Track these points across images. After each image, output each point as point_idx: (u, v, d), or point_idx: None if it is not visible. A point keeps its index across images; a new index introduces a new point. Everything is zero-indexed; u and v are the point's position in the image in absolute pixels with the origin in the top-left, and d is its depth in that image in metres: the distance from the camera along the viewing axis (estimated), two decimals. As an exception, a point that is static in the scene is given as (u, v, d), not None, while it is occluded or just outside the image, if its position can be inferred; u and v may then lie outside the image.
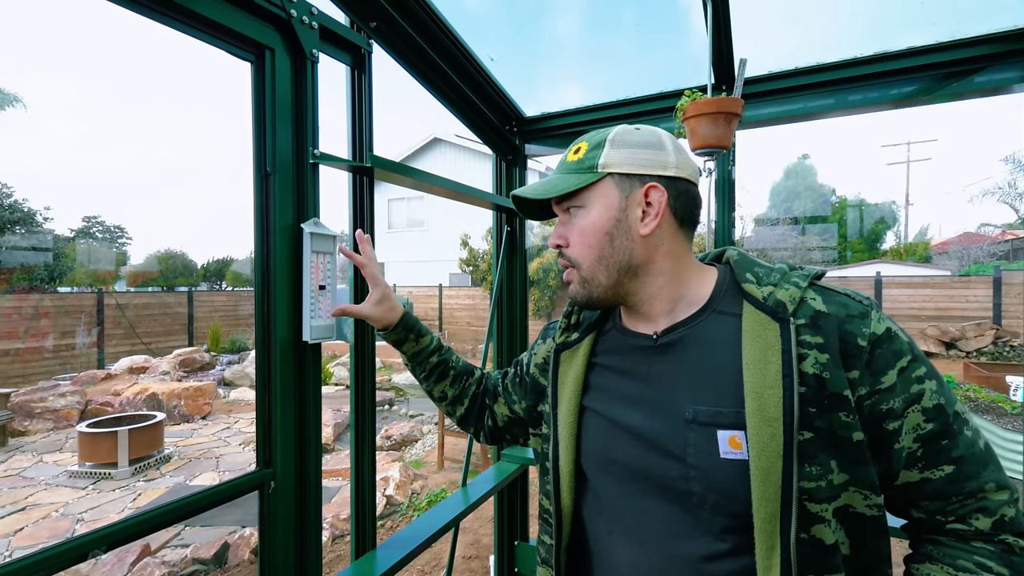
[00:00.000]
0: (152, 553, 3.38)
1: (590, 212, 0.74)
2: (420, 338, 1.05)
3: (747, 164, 31.63)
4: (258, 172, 1.04)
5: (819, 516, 0.61)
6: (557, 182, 0.76)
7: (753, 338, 0.65)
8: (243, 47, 1.01)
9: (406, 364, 1.07)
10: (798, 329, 0.64)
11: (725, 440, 0.64)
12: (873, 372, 0.63)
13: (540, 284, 12.35)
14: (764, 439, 0.61)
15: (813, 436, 0.61)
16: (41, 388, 6.69)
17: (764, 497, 0.61)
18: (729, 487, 0.64)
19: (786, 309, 0.65)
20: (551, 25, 6.73)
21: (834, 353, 0.63)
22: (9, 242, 10.42)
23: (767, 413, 0.62)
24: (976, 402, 6.25)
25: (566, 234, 0.77)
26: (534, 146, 2.04)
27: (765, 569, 0.61)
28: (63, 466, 5.00)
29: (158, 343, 11.38)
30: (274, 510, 1.05)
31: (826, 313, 0.65)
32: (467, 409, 1.06)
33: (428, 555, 3.45)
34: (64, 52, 37.48)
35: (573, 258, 0.76)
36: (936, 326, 10.22)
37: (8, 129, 27.39)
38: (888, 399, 0.62)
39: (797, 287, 0.67)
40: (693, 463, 0.66)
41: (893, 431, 0.63)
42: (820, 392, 0.62)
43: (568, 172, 0.76)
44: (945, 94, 1.46)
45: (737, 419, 0.64)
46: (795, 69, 1.54)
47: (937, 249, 19.06)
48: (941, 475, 0.62)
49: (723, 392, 0.66)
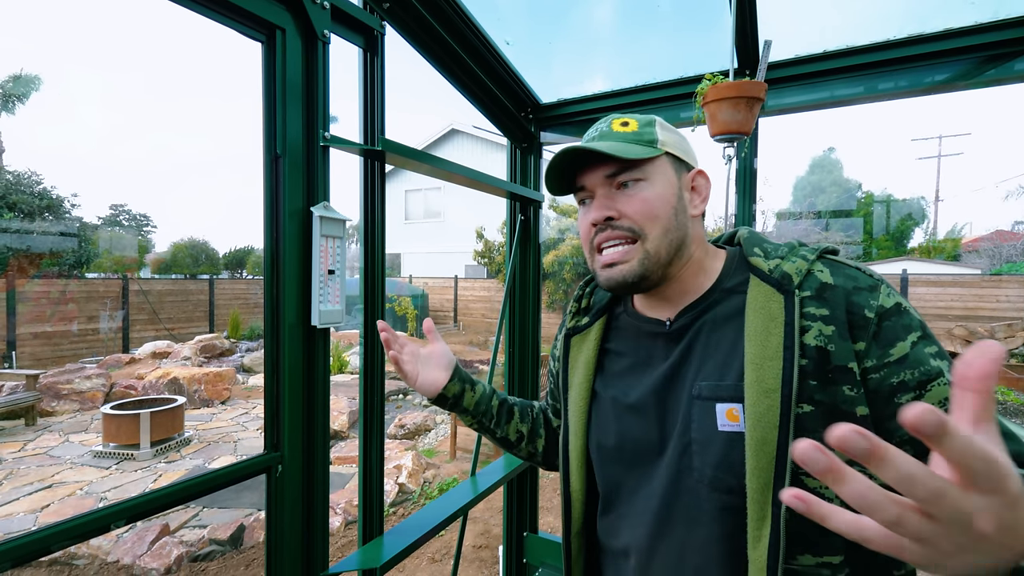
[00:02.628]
0: (171, 533, 3.47)
1: (654, 185, 0.70)
2: (475, 385, 0.94)
3: (769, 156, 30.96)
4: (268, 155, 1.04)
5: (818, 492, 0.59)
6: (624, 148, 0.68)
7: (756, 310, 0.65)
8: (254, 27, 1.00)
9: (471, 423, 0.95)
10: (803, 301, 0.63)
11: (723, 413, 0.64)
12: (881, 344, 0.60)
13: (555, 277, 12.29)
14: (761, 410, 0.60)
15: (813, 410, 0.60)
16: (68, 370, 6.90)
17: (757, 467, 0.60)
18: (725, 460, 0.63)
19: (791, 281, 0.64)
20: (570, 7, 6.57)
21: (840, 325, 0.61)
22: (39, 228, 10.72)
23: (765, 384, 0.61)
24: (1005, 405, 6.06)
25: (619, 207, 0.70)
26: (550, 134, 2.01)
27: (755, 540, 0.60)
28: (88, 446, 5.15)
29: (180, 329, 11.65)
30: (281, 493, 1.05)
31: (832, 285, 0.63)
32: (546, 440, 0.98)
33: (439, 543, 3.47)
34: (93, 41, 38.30)
35: (637, 229, 0.69)
36: (964, 326, 9.90)
37: (39, 117, 28.31)
38: (899, 372, 0.59)
39: (805, 260, 0.66)
40: (695, 437, 0.66)
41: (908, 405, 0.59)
42: (823, 365, 0.60)
43: (625, 142, 0.70)
44: (982, 80, 1.38)
45: (736, 392, 0.64)
46: (823, 53, 1.48)
47: (967, 247, 18.45)
48: None
49: (725, 366, 0.66)
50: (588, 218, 0.73)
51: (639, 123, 0.72)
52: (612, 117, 0.74)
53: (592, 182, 0.72)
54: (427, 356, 0.91)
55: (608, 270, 0.71)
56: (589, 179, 0.72)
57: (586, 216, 0.74)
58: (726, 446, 0.63)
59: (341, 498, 3.90)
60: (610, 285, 0.72)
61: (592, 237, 0.72)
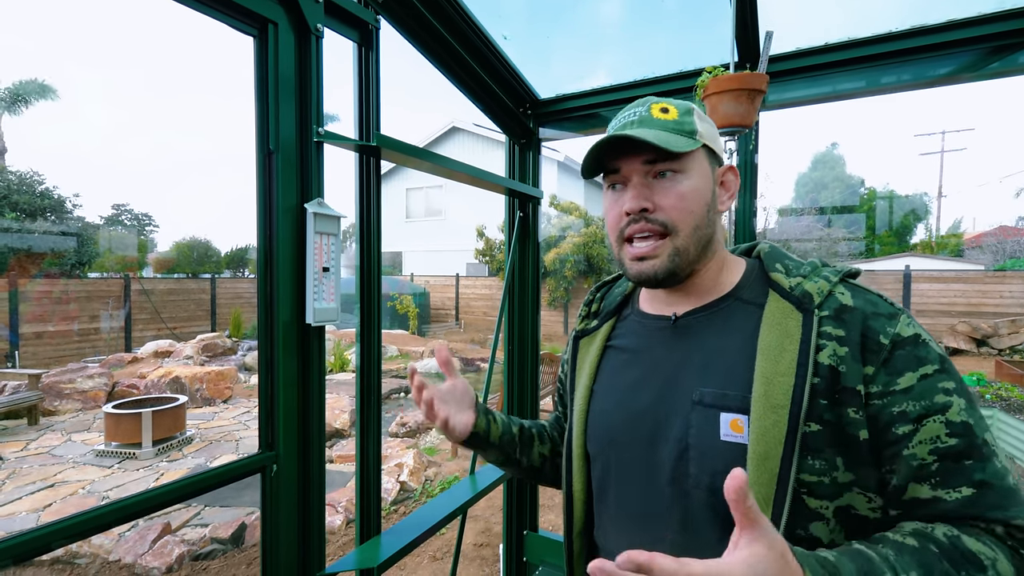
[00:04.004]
0: (172, 532, 3.47)
1: (691, 178, 0.68)
2: (494, 415, 0.88)
3: (772, 152, 30.85)
4: (261, 150, 1.02)
5: (818, 513, 0.59)
6: (667, 139, 0.66)
7: (772, 325, 0.64)
8: (245, 20, 0.99)
9: (496, 458, 0.89)
10: (821, 320, 0.62)
11: (727, 422, 0.63)
12: (889, 372, 0.59)
13: (556, 275, 12.26)
14: (766, 425, 0.60)
15: (821, 429, 0.59)
16: (70, 370, 6.90)
17: (758, 481, 0.59)
18: (724, 469, 0.61)
19: (812, 300, 0.63)
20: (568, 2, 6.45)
21: (854, 346, 0.60)
22: (41, 228, 10.75)
23: (773, 400, 0.60)
24: (1008, 400, 6.03)
25: (655, 199, 0.68)
26: (549, 130, 1.99)
27: None
28: (90, 445, 5.15)
29: (182, 328, 11.66)
30: (276, 493, 1.05)
31: (852, 307, 0.63)
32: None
33: (440, 541, 3.47)
34: (91, 38, 38.29)
35: (670, 224, 0.67)
36: (967, 322, 9.86)
37: (41, 117, 28.45)
38: (901, 402, 0.58)
39: (827, 281, 0.65)
40: (693, 444, 0.65)
41: (903, 436, 0.57)
42: (833, 385, 0.60)
43: (667, 131, 0.67)
44: (986, 73, 1.36)
45: (743, 403, 0.63)
46: (824, 45, 1.46)
47: (970, 243, 18.37)
48: (957, 497, 0.55)
49: (733, 376, 0.65)
50: (621, 206, 0.70)
51: (679, 111, 0.69)
52: (650, 101, 0.71)
53: (629, 168, 0.69)
54: (448, 392, 0.84)
55: (639, 264, 0.70)
56: (626, 164, 0.69)
57: (617, 203, 0.71)
58: (727, 456, 0.62)
59: (343, 496, 3.90)
60: (640, 279, 0.71)
61: (624, 226, 0.70)
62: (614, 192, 0.72)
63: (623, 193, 0.70)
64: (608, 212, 0.73)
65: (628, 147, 0.68)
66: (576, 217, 12.73)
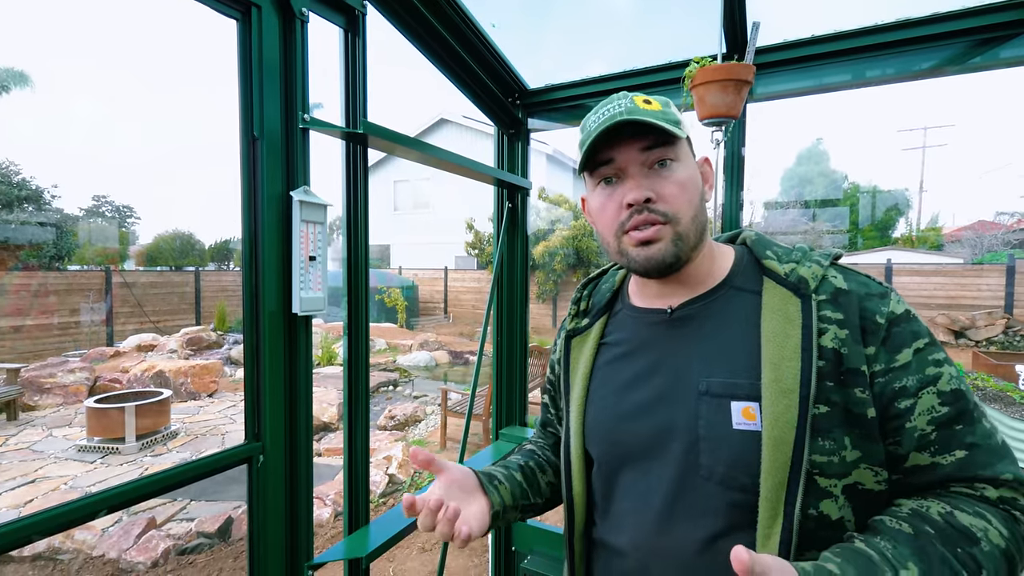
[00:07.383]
0: (158, 526, 3.43)
1: (687, 167, 0.69)
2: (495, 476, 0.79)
3: (757, 148, 31.10)
4: (245, 137, 1.00)
5: (827, 491, 0.60)
6: (668, 126, 0.65)
7: (773, 311, 0.65)
8: (228, 3, 0.96)
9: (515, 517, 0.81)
10: (819, 304, 0.64)
11: (739, 411, 0.64)
12: (889, 349, 0.62)
13: (545, 268, 12.27)
14: (779, 410, 0.60)
15: (829, 411, 0.61)
16: (51, 364, 6.77)
17: (773, 466, 0.60)
18: (739, 457, 0.63)
19: (808, 285, 0.65)
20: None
21: (853, 329, 0.62)
22: (18, 219, 10.48)
23: (784, 384, 0.61)
24: (984, 391, 6.18)
25: (656, 187, 0.66)
26: (537, 120, 1.98)
27: (765, 538, 0.60)
28: (72, 440, 5.07)
29: (166, 322, 11.48)
30: (263, 484, 1.04)
31: (847, 290, 0.65)
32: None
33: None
34: (72, 29, 37.22)
35: (671, 213, 0.66)
36: (946, 314, 10.08)
37: (16, 107, 27.52)
38: (902, 377, 0.61)
39: (819, 265, 0.67)
40: (704, 435, 0.65)
41: (905, 410, 0.61)
42: (838, 367, 0.61)
43: (661, 120, 0.65)
44: (969, 66, 1.38)
45: (752, 391, 0.63)
46: (811, 38, 1.46)
47: (950, 237, 18.74)
48: (952, 460, 0.60)
49: (739, 364, 0.65)
50: (622, 197, 0.68)
51: (660, 103, 0.68)
52: (631, 94, 0.69)
53: (626, 157, 0.67)
54: (449, 485, 0.73)
55: (646, 249, 0.67)
56: (622, 154, 0.67)
57: (614, 197, 0.69)
58: (741, 444, 0.62)
59: (331, 489, 3.88)
60: (650, 264, 0.68)
61: (625, 219, 0.68)
62: (608, 186, 0.70)
63: (619, 186, 0.69)
64: (603, 208, 0.70)
65: (622, 136, 0.67)
66: (565, 210, 12.74)
